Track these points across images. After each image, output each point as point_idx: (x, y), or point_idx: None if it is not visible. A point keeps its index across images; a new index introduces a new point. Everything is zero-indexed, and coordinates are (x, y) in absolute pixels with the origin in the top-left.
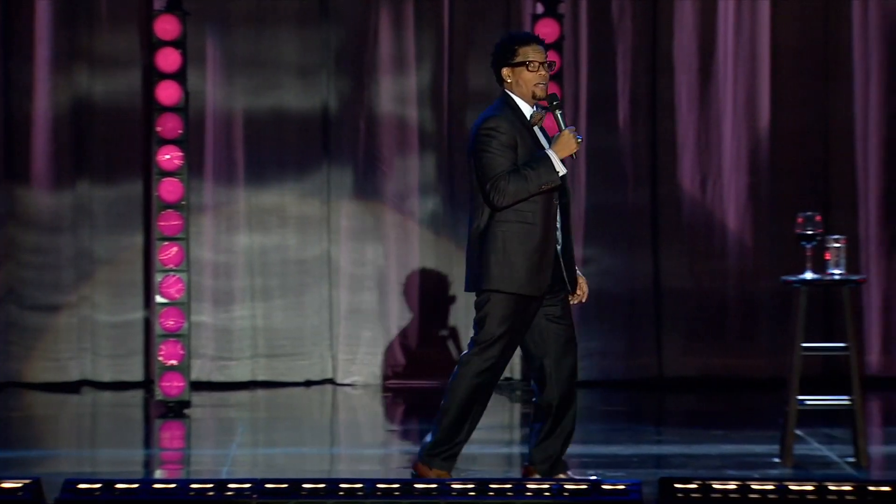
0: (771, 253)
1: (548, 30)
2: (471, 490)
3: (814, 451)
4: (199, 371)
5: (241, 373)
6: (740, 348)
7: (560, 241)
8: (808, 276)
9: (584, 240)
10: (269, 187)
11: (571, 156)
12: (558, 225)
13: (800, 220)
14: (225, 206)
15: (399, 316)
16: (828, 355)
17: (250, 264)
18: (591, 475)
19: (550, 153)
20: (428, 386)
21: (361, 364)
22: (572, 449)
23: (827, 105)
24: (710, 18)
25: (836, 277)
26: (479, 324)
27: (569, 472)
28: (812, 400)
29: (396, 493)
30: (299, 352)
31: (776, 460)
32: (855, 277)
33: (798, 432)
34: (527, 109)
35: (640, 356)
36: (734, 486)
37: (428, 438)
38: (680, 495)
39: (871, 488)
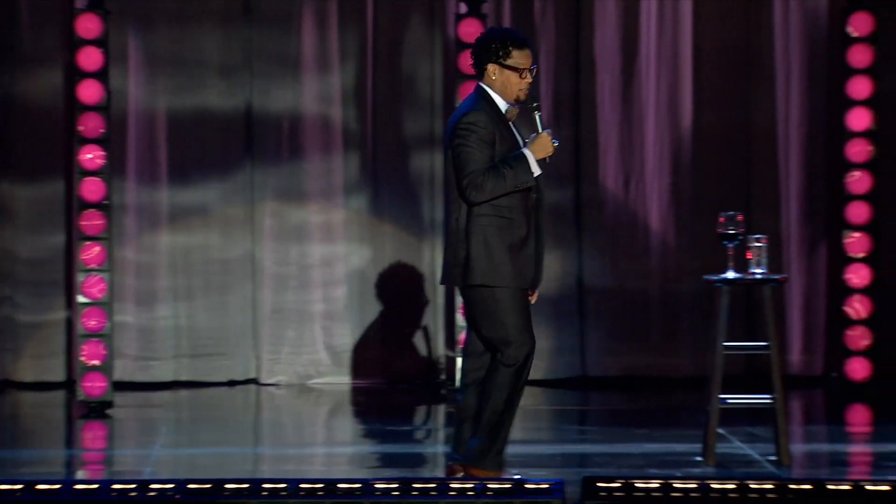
0: (693, 252)
1: (471, 29)
2: (394, 490)
3: (736, 450)
4: (122, 371)
5: (163, 373)
6: (663, 347)
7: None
8: (730, 275)
9: None
10: (192, 187)
11: (544, 158)
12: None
13: (721, 219)
14: (147, 205)
15: (323, 315)
16: (750, 354)
17: (173, 264)
18: (515, 474)
19: (528, 153)
20: (353, 385)
21: (285, 364)
22: None
23: (749, 105)
24: (632, 18)
25: (758, 277)
26: (495, 324)
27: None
28: (734, 399)
29: (320, 493)
30: (223, 352)
31: (698, 459)
32: (776, 277)
33: (720, 431)
34: (502, 105)
35: (564, 355)
36: (657, 485)
37: (474, 444)
38: (603, 494)
39: (793, 486)
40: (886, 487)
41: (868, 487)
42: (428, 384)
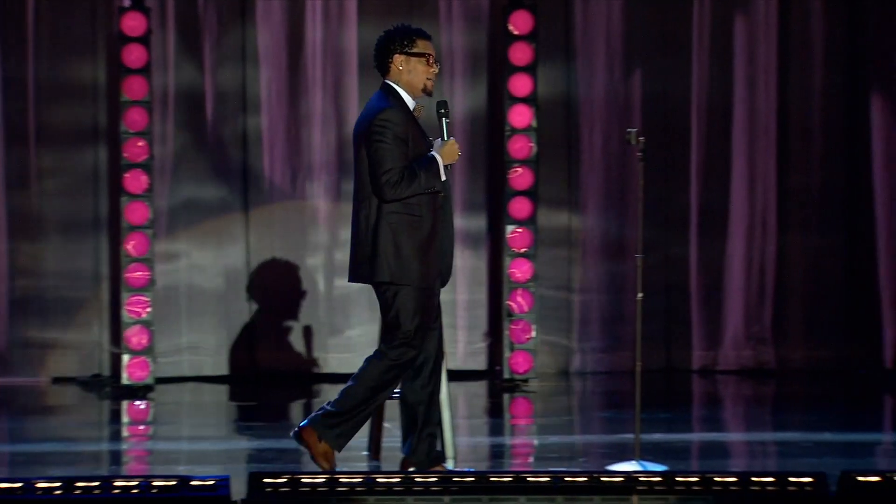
0: None
1: (135, 23)
2: (56, 489)
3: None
4: None
5: None
6: (335, 342)
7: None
8: None
9: (173, 234)
10: None
11: (448, 164)
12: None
13: None
14: None
15: None
16: None
17: None
18: (181, 470)
19: (438, 158)
20: (13, 384)
21: None
22: (161, 446)
23: None
24: (297, 14)
25: None
26: (391, 320)
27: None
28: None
29: None
30: None
31: (365, 453)
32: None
33: (386, 425)
34: (410, 102)
35: (235, 351)
36: (323, 480)
37: (326, 407)
38: (269, 490)
39: (456, 479)
40: (547, 479)
41: (529, 479)
42: (92, 382)
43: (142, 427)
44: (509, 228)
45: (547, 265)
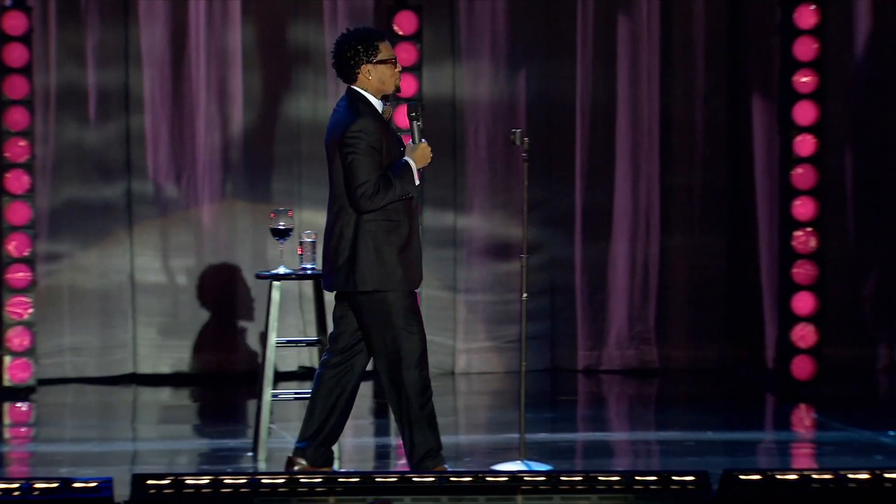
0: (249, 248)
1: (16, 22)
2: None
3: (287, 445)
4: None
5: None
6: (219, 343)
7: None
8: (281, 270)
9: (56, 235)
10: None
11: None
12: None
13: (272, 215)
14: None
15: None
16: (307, 348)
17: None
18: (63, 472)
19: (411, 163)
20: None
21: None
22: (43, 448)
23: (299, 101)
24: (181, 12)
25: (308, 272)
26: (383, 325)
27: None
28: (285, 393)
29: None
30: None
31: (250, 454)
32: None
33: (272, 426)
34: (378, 105)
35: (115, 352)
36: (207, 481)
37: (423, 449)
38: (152, 491)
39: (342, 480)
40: (432, 479)
41: (414, 479)
42: None
43: (23, 429)
44: None
45: (432, 265)
